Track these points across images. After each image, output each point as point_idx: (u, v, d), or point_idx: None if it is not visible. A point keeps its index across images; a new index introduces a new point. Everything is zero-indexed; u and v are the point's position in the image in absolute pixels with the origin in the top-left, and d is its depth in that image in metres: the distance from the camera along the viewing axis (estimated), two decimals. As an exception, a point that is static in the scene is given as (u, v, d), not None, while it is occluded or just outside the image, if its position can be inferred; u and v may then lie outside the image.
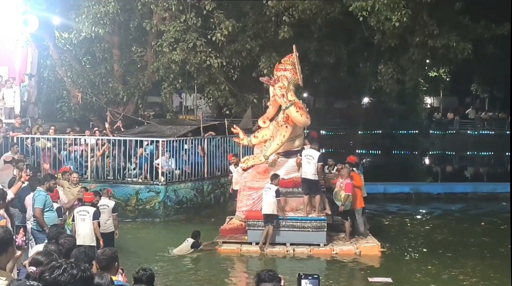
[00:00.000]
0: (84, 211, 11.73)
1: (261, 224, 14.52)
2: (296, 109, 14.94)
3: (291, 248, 14.42)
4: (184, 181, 18.81)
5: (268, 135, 15.91)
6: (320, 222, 14.55)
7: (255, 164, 15.47)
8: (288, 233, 14.58)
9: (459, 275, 12.87)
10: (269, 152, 15.27)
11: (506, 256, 14.23)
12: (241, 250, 14.52)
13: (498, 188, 23.17)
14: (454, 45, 22.59)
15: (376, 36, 22.89)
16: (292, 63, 15.63)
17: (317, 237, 14.52)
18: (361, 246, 14.58)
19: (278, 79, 15.37)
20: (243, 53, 22.42)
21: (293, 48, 15.93)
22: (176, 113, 32.00)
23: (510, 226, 15.68)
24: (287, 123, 15.07)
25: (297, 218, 14.66)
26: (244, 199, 15.60)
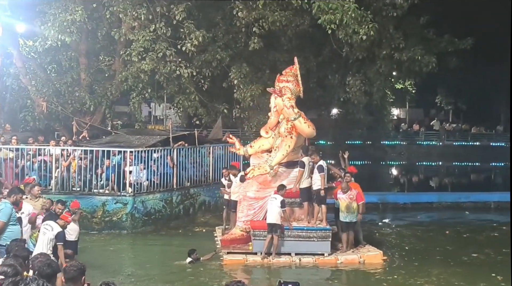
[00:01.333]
0: (49, 226, 11.43)
1: (266, 234, 14.54)
2: (304, 120, 15.43)
3: (297, 258, 14.50)
4: (152, 192, 18.63)
5: (266, 145, 16.25)
6: (325, 231, 14.71)
7: (261, 174, 15.59)
8: (293, 243, 14.67)
9: (424, 284, 13.02)
10: (274, 162, 15.51)
11: (469, 264, 14.64)
12: (247, 260, 14.50)
13: (462, 198, 23.67)
14: (419, 58, 23.14)
15: (345, 48, 23.19)
16: (294, 75, 16.04)
17: (322, 247, 14.67)
18: (365, 255, 14.83)
19: (281, 90, 15.64)
20: (213, 64, 22.47)
21: (294, 60, 16.40)
22: (145, 123, 31.74)
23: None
24: (292, 134, 15.42)
25: (303, 228, 14.76)
26: (245, 209, 15.64)
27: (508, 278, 13.11)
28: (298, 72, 16.10)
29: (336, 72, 26.65)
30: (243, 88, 22.21)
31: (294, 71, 16.15)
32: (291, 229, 14.63)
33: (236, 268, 14.21)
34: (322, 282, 13.61)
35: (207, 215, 20.30)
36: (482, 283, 12.93)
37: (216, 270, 14.00)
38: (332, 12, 19.69)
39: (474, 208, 22.93)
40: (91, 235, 16.50)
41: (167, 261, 14.81)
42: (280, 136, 15.71)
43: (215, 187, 21.04)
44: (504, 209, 22.70)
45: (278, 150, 15.62)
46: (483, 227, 19.51)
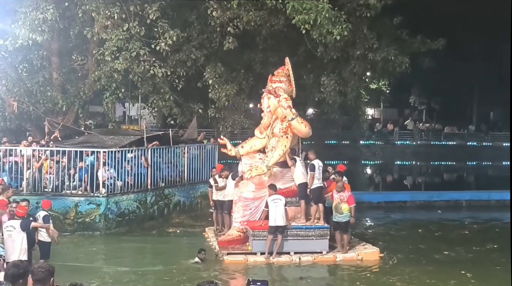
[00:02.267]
0: (10, 226, 11.38)
1: (266, 234, 14.63)
2: (300, 120, 15.63)
3: (296, 257, 14.68)
4: (126, 193, 18.50)
5: (258, 146, 16.46)
6: (323, 230, 14.93)
7: (258, 174, 15.64)
8: (292, 242, 14.85)
9: (396, 282, 13.14)
10: (271, 162, 15.60)
11: (440, 262, 14.80)
12: (248, 260, 14.58)
13: (434, 197, 23.96)
14: (393, 58, 23.31)
15: (319, 48, 23.25)
16: (286, 75, 16.23)
17: (320, 245, 14.92)
18: (362, 252, 15.10)
19: (275, 91, 15.76)
20: (188, 63, 22.38)
21: (285, 61, 16.66)
22: (119, 123, 31.54)
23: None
24: (287, 134, 15.57)
25: (301, 227, 14.94)
26: (241, 210, 15.73)
27: (477, 275, 13.36)
28: (291, 72, 16.28)
29: (311, 72, 26.69)
30: (218, 88, 22.16)
31: (286, 71, 16.36)
32: (290, 228, 14.78)
33: (238, 269, 14.26)
34: (324, 279, 13.93)
35: (182, 216, 20.23)
36: (452, 281, 13.10)
37: (217, 270, 14.09)
38: (306, 12, 19.74)
39: (446, 206, 23.23)
40: (64, 237, 16.28)
41: (140, 262, 14.76)
42: (275, 137, 15.88)
43: (190, 187, 21.04)
44: (475, 207, 23.13)
45: (274, 150, 15.71)
46: (455, 226, 19.77)
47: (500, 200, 23.69)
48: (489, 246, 16.55)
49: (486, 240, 17.20)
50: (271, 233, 14.48)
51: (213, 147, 22.34)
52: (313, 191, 15.19)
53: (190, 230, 18.58)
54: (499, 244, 16.70)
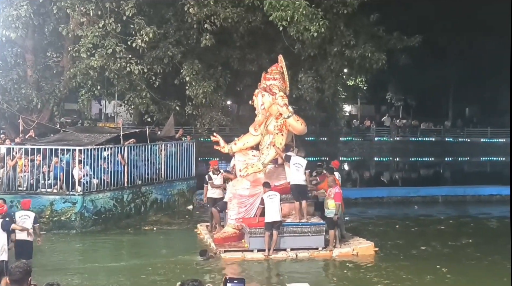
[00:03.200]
0: None
1: (262, 231, 14.72)
2: (296, 118, 15.83)
3: (293, 253, 14.78)
4: (102, 191, 18.35)
5: (250, 143, 16.62)
6: (319, 226, 15.06)
7: (255, 172, 15.81)
8: (288, 239, 14.96)
9: (373, 278, 13.24)
10: (267, 159, 15.86)
11: (416, 258, 14.91)
12: (245, 257, 14.63)
13: (411, 192, 24.11)
14: (369, 55, 23.41)
15: (296, 45, 23.30)
16: (280, 73, 16.32)
17: (316, 241, 15.02)
18: (357, 247, 15.23)
19: (269, 88, 15.84)
20: (165, 60, 22.28)
21: (278, 58, 16.85)
22: (95, 120, 31.32)
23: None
24: (282, 131, 15.76)
25: (298, 224, 15.05)
26: (236, 207, 15.79)
27: (452, 270, 13.48)
28: (284, 69, 16.39)
29: (288, 69, 26.50)
30: (195, 85, 22.07)
31: (280, 69, 16.47)
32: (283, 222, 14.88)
33: (237, 266, 14.30)
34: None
35: (159, 214, 20.15)
36: (428, 276, 13.20)
37: (216, 267, 14.09)
38: (284, 9, 19.80)
39: (423, 202, 23.37)
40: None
41: (116, 260, 14.73)
42: (269, 134, 16.01)
43: (167, 185, 20.94)
44: (451, 203, 23.32)
45: (270, 147, 15.86)
46: (431, 221, 19.91)
47: (475, 195, 23.98)
48: (464, 241, 16.71)
49: (461, 235, 17.36)
50: (268, 229, 14.58)
51: (191, 144, 22.28)
52: (303, 189, 15.26)
53: (166, 228, 18.50)
54: (474, 239, 16.89)
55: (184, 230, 18.62)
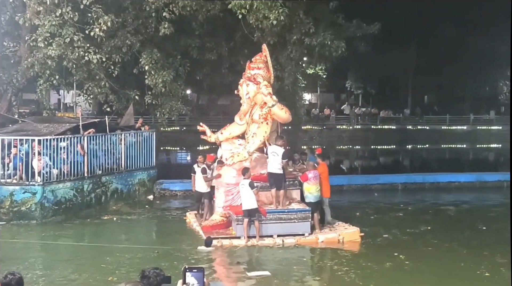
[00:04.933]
0: None
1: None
2: (281, 107, 15.98)
3: (279, 239, 14.93)
4: (62, 181, 18.16)
5: (236, 132, 16.77)
6: (305, 213, 15.27)
7: (240, 160, 15.93)
8: (274, 225, 15.17)
9: (334, 266, 13.41)
10: (253, 148, 16.01)
11: (376, 245, 15.09)
12: (232, 244, 14.78)
13: (371, 180, 24.43)
14: (329, 43, 23.47)
15: (256, 33, 23.29)
16: (264, 62, 16.42)
17: (302, 227, 15.24)
18: (343, 232, 15.45)
19: (254, 77, 15.97)
20: (124, 49, 22.10)
21: (262, 47, 16.97)
22: (53, 110, 30.82)
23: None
24: (267, 120, 15.95)
25: (284, 211, 15.26)
26: (223, 195, 16.05)
27: (410, 257, 13.72)
28: (268, 58, 16.54)
29: (248, 57, 26.53)
30: (155, 74, 21.95)
31: (264, 58, 16.57)
32: (265, 216, 15.02)
33: (224, 252, 14.48)
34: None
35: (120, 203, 20.04)
36: (388, 263, 13.41)
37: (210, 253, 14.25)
38: (243, -3, 19.75)
39: (383, 189, 23.69)
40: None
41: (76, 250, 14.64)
42: (254, 123, 16.16)
43: (127, 174, 20.83)
44: (411, 190, 23.73)
45: (255, 136, 16.04)
46: (390, 208, 20.18)
47: (434, 183, 24.38)
48: (422, 228, 16.96)
49: (420, 222, 17.62)
50: (246, 216, 14.85)
51: (150, 133, 22.19)
52: (278, 177, 15.42)
53: (126, 217, 18.44)
54: (432, 226, 17.18)
55: (144, 219, 18.62)
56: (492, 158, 42.36)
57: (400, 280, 12.13)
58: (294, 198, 16.04)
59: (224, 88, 36.35)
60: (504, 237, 15.71)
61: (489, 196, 22.92)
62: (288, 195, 15.93)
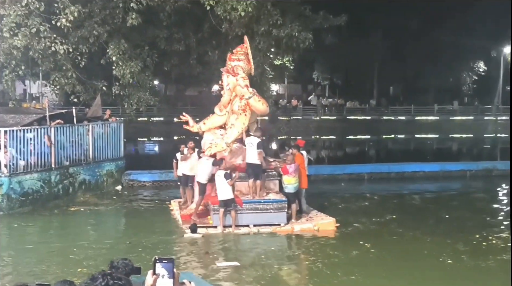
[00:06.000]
0: None
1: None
2: (258, 99, 16.09)
3: (255, 229, 15.20)
4: (29, 172, 18.04)
5: (218, 122, 16.80)
6: (281, 203, 15.49)
7: (218, 151, 16.05)
8: (251, 215, 15.38)
9: (301, 255, 13.74)
10: (230, 139, 16.11)
11: (343, 234, 15.30)
12: (208, 233, 14.95)
13: (337, 170, 24.69)
14: (296, 34, 23.57)
15: (224, 25, 23.31)
16: (245, 53, 16.44)
17: (278, 218, 15.44)
18: (319, 222, 15.68)
19: (233, 69, 16.05)
20: (91, 40, 21.90)
21: (244, 39, 17.00)
22: (19, 101, 30.38)
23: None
24: (246, 112, 16.05)
25: (260, 201, 15.42)
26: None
27: (376, 246, 14.02)
28: (249, 50, 16.57)
29: (216, 48, 26.72)
30: (122, 65, 21.84)
31: (245, 49, 16.60)
32: (241, 206, 15.22)
33: (198, 241, 14.58)
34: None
35: (87, 194, 19.97)
36: (354, 251, 13.67)
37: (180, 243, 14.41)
38: (211, -12, 19.76)
39: (349, 179, 24.01)
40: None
41: (44, 241, 14.61)
42: (234, 114, 16.26)
43: (95, 165, 20.74)
44: (377, 180, 24.08)
45: (233, 127, 16.17)
46: (357, 198, 20.46)
47: (399, 172, 24.75)
48: (388, 217, 17.27)
49: (385, 211, 17.92)
50: (221, 206, 15.05)
51: (118, 124, 22.11)
52: (255, 167, 15.62)
53: (94, 208, 18.39)
54: (397, 215, 17.52)
55: (112, 210, 18.62)
56: (456, 147, 43.12)
57: (365, 268, 12.37)
58: (272, 188, 16.23)
59: (192, 79, 36.33)
60: (465, 225, 16.28)
61: (452, 185, 23.40)
62: (267, 185, 16.14)
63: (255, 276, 11.91)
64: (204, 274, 12.10)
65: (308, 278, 11.96)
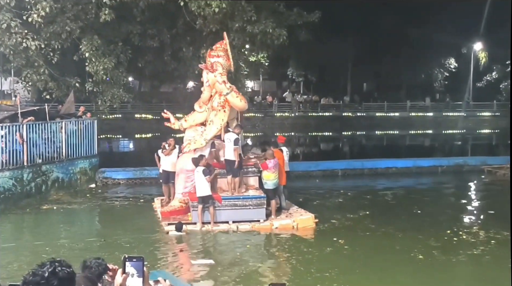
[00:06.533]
0: None
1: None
2: (236, 95, 16.09)
3: (235, 226, 15.24)
4: (1, 170, 17.80)
5: (199, 119, 16.78)
6: (260, 199, 15.56)
7: (197, 148, 16.08)
8: (230, 212, 15.44)
9: (276, 252, 13.76)
10: (209, 135, 16.12)
11: (317, 231, 15.43)
12: (187, 230, 15.00)
13: (312, 166, 24.83)
14: (271, 31, 23.58)
15: (198, 21, 23.25)
16: (224, 50, 16.52)
17: (257, 214, 15.55)
18: (297, 219, 15.79)
19: (212, 65, 16.10)
20: (63, 36, 21.64)
21: (223, 35, 17.08)
22: (-10, 98, 30.04)
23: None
24: (225, 108, 16.07)
25: (239, 197, 15.49)
26: (183, 182, 16.26)
27: (349, 242, 14.15)
28: (228, 47, 16.62)
29: (190, 45, 26.62)
30: (95, 61, 21.65)
31: (224, 46, 16.67)
32: (220, 203, 15.27)
33: (178, 237, 14.67)
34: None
35: (61, 192, 19.80)
36: (328, 248, 13.77)
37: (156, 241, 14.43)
38: (184, -15, 19.67)
39: (323, 176, 24.18)
40: None
41: (16, 239, 14.49)
42: (214, 110, 16.26)
43: (68, 163, 20.57)
44: (350, 176, 24.28)
45: (212, 123, 16.19)
46: (331, 194, 20.62)
47: (372, 168, 25.01)
48: (361, 213, 17.42)
49: (359, 208, 18.09)
50: (200, 203, 15.11)
51: (92, 121, 21.94)
52: (232, 163, 15.65)
53: (67, 206, 18.24)
54: (370, 211, 17.68)
55: (86, 208, 18.42)
56: (428, 143, 43.61)
57: (338, 264, 12.47)
58: (252, 184, 16.32)
59: (167, 76, 36.19)
60: (437, 221, 16.49)
61: (425, 181, 23.70)
62: (247, 181, 16.25)
63: (229, 273, 11.94)
64: (179, 272, 12.10)
65: (282, 275, 12.01)
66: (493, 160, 26.48)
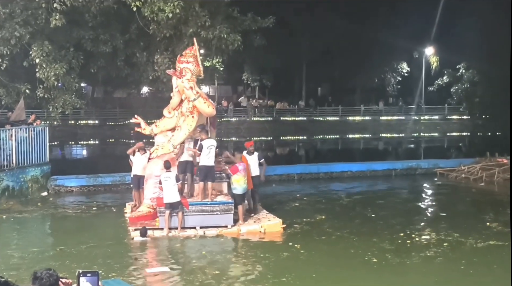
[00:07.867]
0: None
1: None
2: (203, 101, 15.98)
3: (202, 231, 15.23)
4: None
5: (170, 125, 16.68)
6: (228, 205, 15.55)
7: (164, 153, 15.99)
8: (197, 217, 15.42)
9: (232, 258, 13.74)
10: (177, 141, 16.01)
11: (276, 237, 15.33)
12: (154, 235, 14.90)
13: (268, 171, 24.61)
14: (225, 36, 23.59)
15: (151, 26, 23.07)
16: (194, 56, 16.41)
17: (225, 219, 15.53)
18: (265, 224, 15.74)
19: (182, 71, 15.96)
20: (12, 41, 21.15)
21: (193, 41, 17.23)
22: None
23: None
24: (193, 114, 16.01)
25: (206, 203, 15.41)
26: (152, 187, 16.22)
27: (305, 247, 14.15)
28: (198, 53, 16.60)
29: (144, 50, 26.39)
30: (46, 67, 21.23)
31: (194, 52, 16.59)
32: (187, 208, 15.25)
33: (143, 243, 14.61)
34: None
35: (11, 201, 19.33)
36: (285, 253, 13.71)
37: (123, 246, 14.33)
38: (137, -11, 19.49)
39: (280, 180, 24.24)
40: None
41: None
42: (182, 116, 16.22)
43: (19, 171, 20.12)
44: (306, 180, 24.41)
45: (180, 129, 16.13)
46: (288, 199, 20.63)
47: (328, 172, 25.16)
48: (318, 217, 17.46)
49: (315, 212, 18.14)
50: (167, 208, 15.03)
51: (43, 128, 21.51)
52: (200, 169, 15.61)
53: (17, 215, 17.80)
54: (326, 215, 17.73)
55: (37, 217, 18.00)
56: (382, 147, 44.21)
57: (294, 269, 12.44)
58: (222, 190, 16.30)
59: (120, 81, 35.79)
60: (391, 224, 16.68)
61: (379, 185, 23.96)
62: (217, 187, 16.22)
63: (184, 282, 11.80)
64: (134, 280, 11.91)
65: (240, 283, 11.93)
66: (445, 162, 26.96)
